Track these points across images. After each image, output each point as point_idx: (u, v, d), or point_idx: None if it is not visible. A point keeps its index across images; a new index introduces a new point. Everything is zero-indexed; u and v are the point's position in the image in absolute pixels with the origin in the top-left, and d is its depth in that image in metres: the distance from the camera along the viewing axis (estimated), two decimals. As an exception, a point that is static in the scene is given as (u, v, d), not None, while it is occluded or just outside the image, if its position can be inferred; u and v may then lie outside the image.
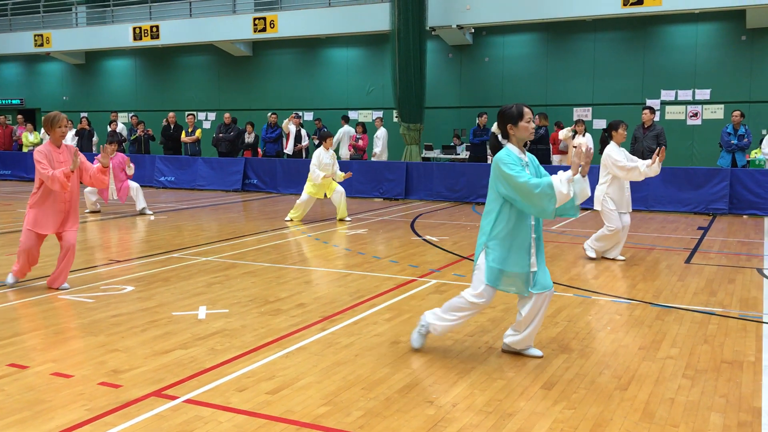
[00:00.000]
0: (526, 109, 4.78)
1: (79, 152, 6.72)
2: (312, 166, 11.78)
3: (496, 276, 4.74)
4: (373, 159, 17.37)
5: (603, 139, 8.55)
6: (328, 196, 12.03)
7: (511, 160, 4.67)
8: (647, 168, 8.06)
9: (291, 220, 12.00)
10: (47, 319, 5.90)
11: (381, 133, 17.57)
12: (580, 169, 4.60)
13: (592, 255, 8.64)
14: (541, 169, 4.90)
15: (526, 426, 3.80)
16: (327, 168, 11.77)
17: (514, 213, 4.72)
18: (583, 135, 15.22)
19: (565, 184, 4.52)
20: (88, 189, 13.03)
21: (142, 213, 12.88)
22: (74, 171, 6.58)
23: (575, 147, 8.42)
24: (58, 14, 24.31)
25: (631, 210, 8.63)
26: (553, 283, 7.23)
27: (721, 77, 16.72)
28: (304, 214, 12.05)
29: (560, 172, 4.59)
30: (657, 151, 8.02)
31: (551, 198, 4.52)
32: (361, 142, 17.37)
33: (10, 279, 6.93)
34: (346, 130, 17.98)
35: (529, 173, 4.68)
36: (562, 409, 4.04)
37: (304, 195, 11.89)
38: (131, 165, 13.10)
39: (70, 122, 20.17)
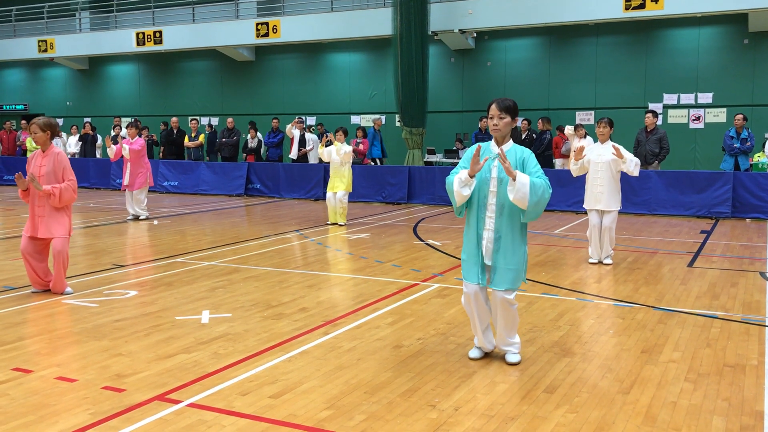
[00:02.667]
0: (491, 106, 4.78)
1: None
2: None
3: (463, 266, 4.90)
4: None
5: None
6: (334, 191, 12.09)
7: (465, 154, 4.83)
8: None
9: (334, 223, 12.18)
10: (51, 323, 5.92)
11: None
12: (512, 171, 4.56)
13: (594, 260, 8.66)
14: (531, 166, 4.66)
15: (529, 430, 3.80)
16: (328, 154, 12.16)
17: (472, 206, 4.82)
18: (584, 137, 15.18)
19: (456, 181, 4.67)
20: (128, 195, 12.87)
21: (136, 219, 12.77)
22: (26, 189, 6.78)
23: (575, 151, 8.49)
24: (62, 20, 24.41)
25: (601, 208, 8.49)
26: (556, 287, 7.27)
27: (723, 81, 16.73)
28: (336, 210, 12.12)
29: (462, 170, 4.71)
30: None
31: (451, 194, 4.75)
32: (361, 146, 17.40)
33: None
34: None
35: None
36: (564, 412, 4.04)
37: (328, 193, 12.25)
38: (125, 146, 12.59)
39: (58, 127, 19.74)
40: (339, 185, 12.05)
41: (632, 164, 8.37)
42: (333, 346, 5.25)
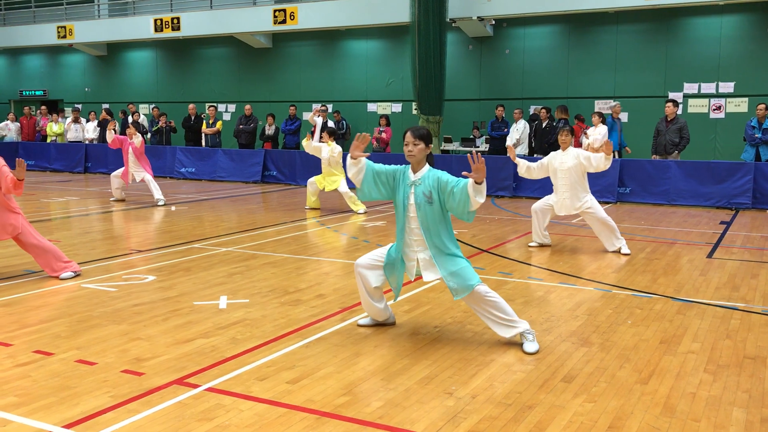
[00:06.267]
0: (406, 134, 4.94)
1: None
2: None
3: (386, 268, 5.30)
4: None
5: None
6: (327, 190, 12.22)
7: (387, 168, 5.17)
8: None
9: (308, 208, 12.46)
10: (71, 307, 5.98)
11: None
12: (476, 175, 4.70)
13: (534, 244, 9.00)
14: (451, 179, 4.91)
15: (546, 419, 3.80)
16: (317, 151, 12.17)
17: (399, 233, 5.15)
18: (604, 123, 14.95)
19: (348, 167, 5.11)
20: (113, 174, 13.25)
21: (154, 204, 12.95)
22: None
23: (589, 143, 8.44)
24: (81, 6, 24.50)
25: (565, 214, 8.80)
26: (573, 276, 7.22)
27: (745, 70, 16.48)
28: (311, 199, 12.41)
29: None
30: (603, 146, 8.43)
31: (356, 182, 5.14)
32: (384, 135, 17.36)
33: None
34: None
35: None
36: (582, 402, 4.03)
37: (311, 179, 12.46)
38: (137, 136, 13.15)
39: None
40: (330, 185, 12.11)
41: (601, 160, 8.43)
42: (350, 333, 5.27)
